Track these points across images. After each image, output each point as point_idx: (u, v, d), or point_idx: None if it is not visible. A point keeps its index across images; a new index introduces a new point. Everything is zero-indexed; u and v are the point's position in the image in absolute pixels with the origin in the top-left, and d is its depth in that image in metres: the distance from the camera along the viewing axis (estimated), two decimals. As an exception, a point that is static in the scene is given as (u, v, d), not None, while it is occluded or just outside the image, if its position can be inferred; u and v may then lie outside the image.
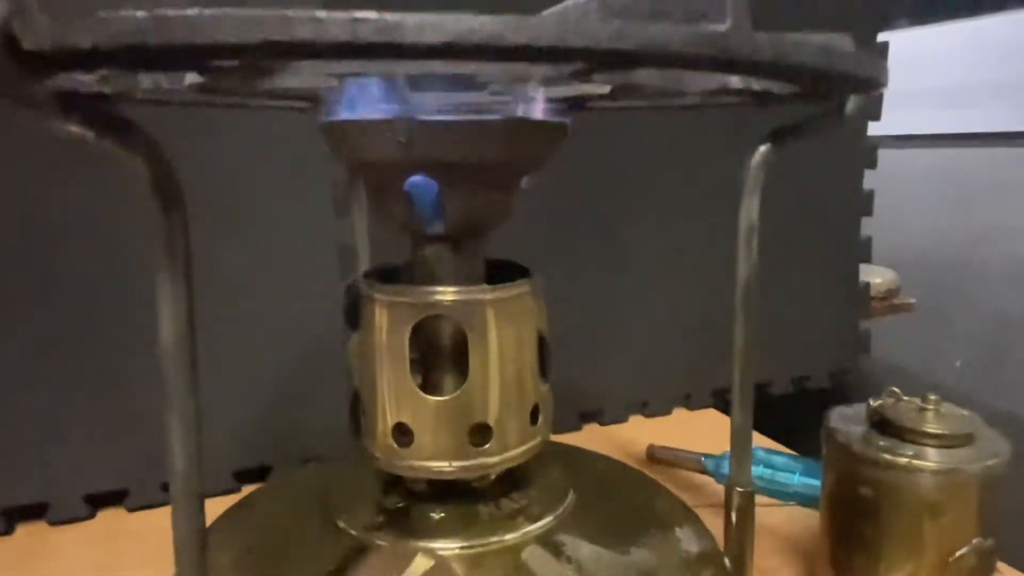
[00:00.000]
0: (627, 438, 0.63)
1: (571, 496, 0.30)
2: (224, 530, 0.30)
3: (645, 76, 0.20)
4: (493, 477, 0.28)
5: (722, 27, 0.13)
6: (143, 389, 0.50)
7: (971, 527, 0.35)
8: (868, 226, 0.75)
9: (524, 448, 0.28)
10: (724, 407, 0.68)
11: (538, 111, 0.24)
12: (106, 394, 0.50)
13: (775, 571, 0.44)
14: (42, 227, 0.48)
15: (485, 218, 0.27)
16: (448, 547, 0.26)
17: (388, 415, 0.26)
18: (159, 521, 0.50)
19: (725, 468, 0.53)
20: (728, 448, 0.48)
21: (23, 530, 0.50)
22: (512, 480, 0.29)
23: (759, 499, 0.53)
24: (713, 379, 0.69)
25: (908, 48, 1.06)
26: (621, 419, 0.67)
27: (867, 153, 0.72)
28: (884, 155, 0.78)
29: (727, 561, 0.29)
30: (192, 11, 0.12)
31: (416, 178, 0.25)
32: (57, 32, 0.13)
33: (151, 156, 0.18)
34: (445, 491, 0.28)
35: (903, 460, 0.35)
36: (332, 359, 0.54)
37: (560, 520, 0.28)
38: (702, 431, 0.66)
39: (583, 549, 0.27)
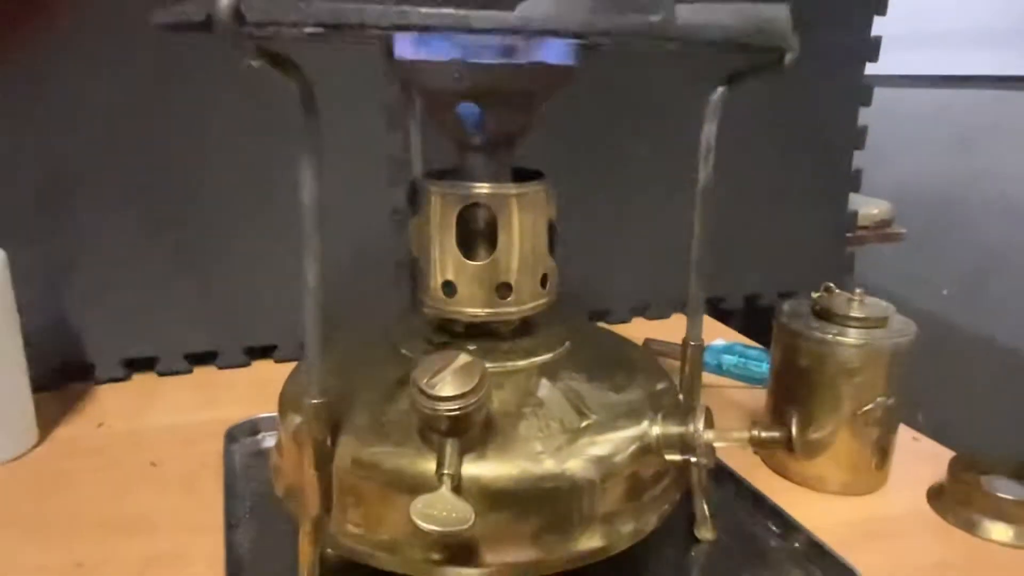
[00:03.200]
0: (628, 334, 0.74)
1: (568, 344, 0.41)
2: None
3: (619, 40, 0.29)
4: (512, 324, 0.39)
5: (656, 17, 0.23)
6: (234, 270, 0.62)
7: (880, 389, 0.45)
8: (863, 160, 0.83)
9: (535, 304, 0.38)
10: (713, 312, 0.78)
11: (552, 56, 0.33)
12: (204, 271, 0.62)
13: (735, 428, 0.55)
14: (159, 128, 0.58)
15: (513, 132, 0.37)
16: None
17: (438, 274, 0.37)
18: (242, 378, 0.62)
19: (707, 358, 0.63)
20: (712, 342, 0.59)
21: (138, 378, 0.62)
22: (525, 328, 0.39)
23: (733, 383, 0.65)
24: (708, 288, 0.79)
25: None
26: (624, 319, 0.78)
27: (862, 92, 0.79)
28: (888, 94, 0.85)
29: (681, 396, 0.40)
30: (353, 5, 0.22)
31: (465, 103, 0.35)
32: (268, 11, 0.23)
33: (301, 80, 0.28)
34: (476, 332, 0.38)
35: (829, 336, 0.45)
36: (380, 250, 0.64)
37: (558, 358, 0.39)
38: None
39: (574, 378, 0.38)
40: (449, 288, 0.37)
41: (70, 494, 0.46)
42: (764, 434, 0.35)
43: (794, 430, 0.34)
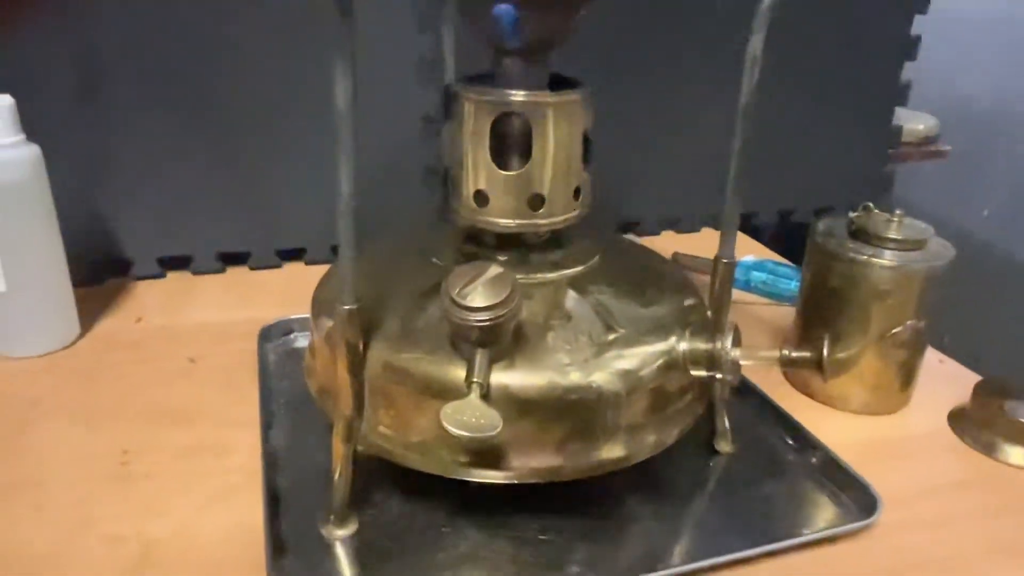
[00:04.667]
0: (658, 247, 0.73)
1: (598, 257, 0.40)
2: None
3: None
4: (543, 236, 0.39)
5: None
6: (267, 172, 0.62)
7: (910, 312, 0.45)
8: (912, 72, 0.79)
9: (567, 216, 0.38)
10: (745, 227, 0.77)
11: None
12: (238, 173, 0.62)
13: (761, 346, 0.55)
14: (194, 27, 0.57)
15: (550, 37, 0.36)
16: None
17: (471, 183, 0.37)
18: (274, 279, 0.63)
19: (736, 273, 0.63)
20: (743, 258, 0.59)
21: (173, 276, 0.64)
22: (556, 240, 0.39)
23: (761, 300, 0.64)
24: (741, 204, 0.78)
25: None
26: (654, 232, 0.77)
27: (918, -2, 0.75)
28: (945, 3, 0.80)
29: (709, 312, 0.40)
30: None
31: (502, 5, 0.34)
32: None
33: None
34: (507, 243, 0.38)
35: (863, 257, 0.44)
36: (409, 154, 0.64)
37: (588, 271, 0.39)
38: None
39: (603, 291, 0.38)
40: (481, 198, 0.37)
41: (113, 386, 0.48)
42: (794, 354, 0.35)
43: (825, 351, 0.34)
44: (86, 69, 0.56)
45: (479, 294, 0.31)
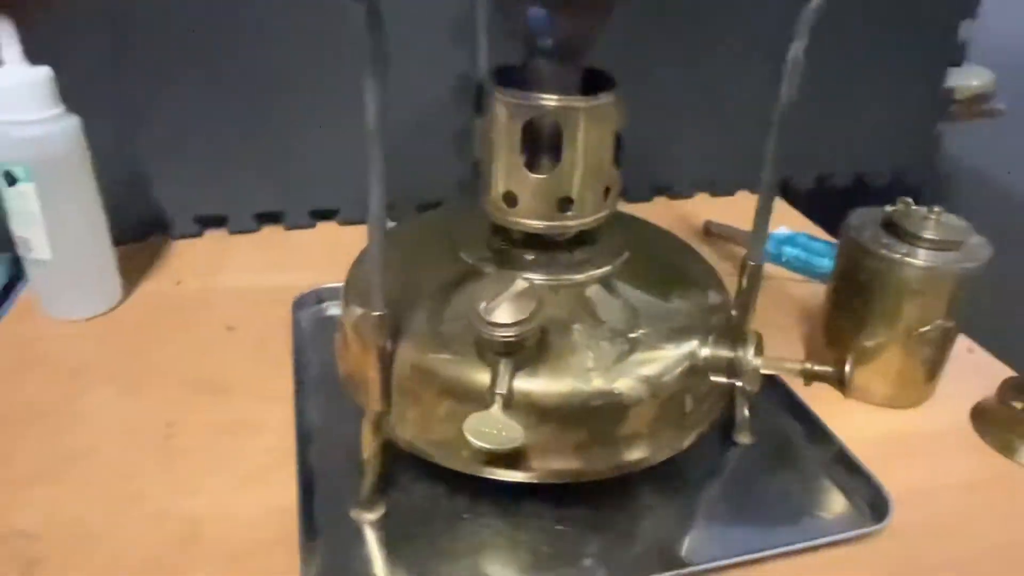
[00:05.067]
0: (690, 211, 0.73)
1: (626, 254, 0.41)
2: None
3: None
4: (570, 235, 0.39)
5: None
6: (300, 132, 0.62)
7: (940, 312, 0.44)
8: (972, 26, 0.75)
9: (596, 217, 0.38)
10: (783, 194, 0.75)
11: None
12: (271, 133, 0.62)
13: (787, 327, 0.56)
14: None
15: (580, 40, 0.35)
16: (535, 279, 0.37)
17: (500, 183, 0.37)
18: (308, 239, 0.64)
19: (768, 246, 0.62)
20: (775, 230, 0.58)
21: (209, 235, 0.65)
22: (584, 238, 0.39)
23: (792, 275, 0.64)
24: (777, 168, 0.76)
25: None
26: (687, 194, 0.76)
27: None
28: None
29: (734, 312, 0.40)
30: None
31: (535, 8, 0.33)
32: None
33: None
34: (535, 241, 0.39)
35: (896, 256, 0.44)
36: (441, 116, 0.63)
37: (615, 269, 0.40)
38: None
39: (628, 293, 0.39)
40: (509, 198, 0.37)
41: (155, 353, 0.50)
42: (817, 368, 0.36)
43: (847, 370, 0.34)
44: (119, 31, 0.56)
45: (504, 310, 0.31)
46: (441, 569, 0.36)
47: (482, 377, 0.34)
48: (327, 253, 0.59)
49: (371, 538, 0.37)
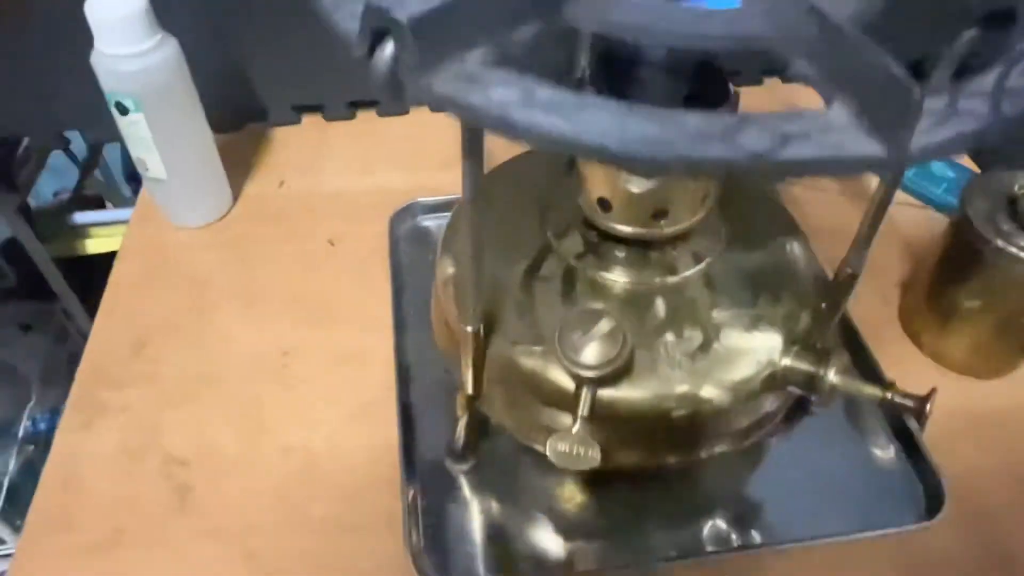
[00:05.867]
0: (803, 97, 0.67)
1: (719, 253, 0.40)
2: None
3: None
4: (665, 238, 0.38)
5: None
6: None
7: (1046, 308, 0.43)
8: None
9: (691, 221, 0.37)
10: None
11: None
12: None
13: (888, 268, 0.54)
14: None
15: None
16: (625, 280, 0.38)
17: (595, 190, 0.36)
18: (400, 126, 0.64)
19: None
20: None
21: (307, 120, 0.66)
22: (679, 236, 0.39)
23: (902, 196, 0.61)
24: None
25: None
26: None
27: None
28: None
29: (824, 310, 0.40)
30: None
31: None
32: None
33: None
34: (629, 240, 0.39)
35: (1013, 249, 0.41)
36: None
37: (706, 270, 0.39)
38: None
39: (716, 298, 0.39)
40: (604, 204, 0.37)
41: (264, 268, 0.54)
42: (897, 399, 0.36)
43: (928, 408, 0.35)
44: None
45: (591, 351, 0.33)
46: (524, 525, 0.41)
47: (568, 381, 0.36)
48: (418, 142, 0.62)
49: (464, 485, 0.43)
